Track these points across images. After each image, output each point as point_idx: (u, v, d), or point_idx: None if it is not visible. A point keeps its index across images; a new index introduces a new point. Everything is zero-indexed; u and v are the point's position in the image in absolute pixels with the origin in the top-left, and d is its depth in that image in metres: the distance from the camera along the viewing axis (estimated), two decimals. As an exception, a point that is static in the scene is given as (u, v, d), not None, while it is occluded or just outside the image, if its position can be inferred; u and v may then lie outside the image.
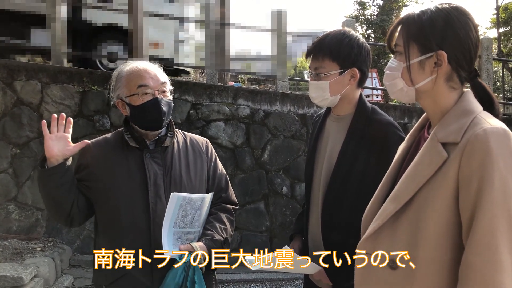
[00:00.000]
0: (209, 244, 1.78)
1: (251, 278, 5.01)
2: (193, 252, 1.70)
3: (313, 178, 1.93)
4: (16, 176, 5.37)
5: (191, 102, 5.80)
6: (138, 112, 1.81)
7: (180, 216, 1.76)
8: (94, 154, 1.85)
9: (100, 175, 1.82)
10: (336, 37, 1.81)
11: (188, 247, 1.73)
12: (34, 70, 5.55)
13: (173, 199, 1.72)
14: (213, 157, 2.01)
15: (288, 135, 5.96)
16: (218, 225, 1.87)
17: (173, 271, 1.68)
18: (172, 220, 1.73)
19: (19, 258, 4.48)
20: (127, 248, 1.72)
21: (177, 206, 1.73)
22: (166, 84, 1.88)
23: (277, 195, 5.86)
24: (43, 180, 1.77)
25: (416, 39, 1.22)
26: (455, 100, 1.22)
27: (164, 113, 1.82)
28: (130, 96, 1.81)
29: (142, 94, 1.80)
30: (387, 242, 1.22)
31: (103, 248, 1.74)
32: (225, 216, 1.93)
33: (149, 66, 1.87)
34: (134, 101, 1.81)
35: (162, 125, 1.85)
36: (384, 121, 1.83)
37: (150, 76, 1.82)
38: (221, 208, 1.96)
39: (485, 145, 1.07)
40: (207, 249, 1.76)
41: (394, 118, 6.30)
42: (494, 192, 1.04)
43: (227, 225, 1.91)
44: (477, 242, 1.05)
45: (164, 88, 1.86)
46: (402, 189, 1.20)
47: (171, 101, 1.89)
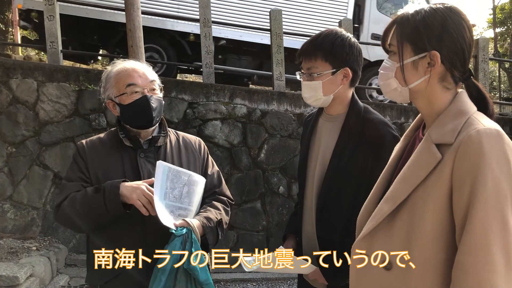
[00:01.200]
0: (204, 222, 1.77)
1: (248, 277, 5.02)
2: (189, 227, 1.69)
3: (306, 178, 1.93)
4: (12, 175, 5.35)
5: (187, 101, 5.80)
6: (128, 111, 1.83)
7: (169, 188, 1.75)
8: (89, 154, 1.85)
9: (96, 174, 1.82)
10: (328, 37, 1.82)
11: (183, 223, 1.72)
12: (30, 69, 5.53)
13: (159, 167, 1.72)
14: (206, 155, 2.03)
15: (285, 134, 5.96)
16: (213, 210, 1.88)
17: (171, 245, 1.65)
18: (162, 191, 1.73)
19: (14, 258, 4.47)
20: (122, 247, 1.71)
21: (164, 176, 1.73)
22: (155, 82, 1.89)
23: (274, 194, 5.86)
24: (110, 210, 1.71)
25: (410, 39, 1.22)
26: (449, 101, 1.22)
27: (154, 110, 1.83)
28: (120, 96, 1.83)
29: (131, 93, 1.81)
30: (382, 242, 1.23)
31: (103, 249, 1.73)
32: (219, 205, 1.94)
33: (137, 65, 1.88)
34: (124, 100, 1.82)
35: (152, 123, 1.86)
36: (377, 120, 1.83)
37: (139, 75, 1.84)
38: (215, 198, 1.97)
39: (478, 146, 1.07)
40: (201, 226, 1.75)
41: (390, 118, 6.31)
42: (487, 193, 1.04)
43: (222, 211, 1.92)
44: (470, 242, 1.05)
45: (154, 86, 1.88)
46: (397, 190, 1.20)
47: (161, 98, 1.90)
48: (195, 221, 1.75)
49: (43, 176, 5.39)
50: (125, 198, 1.68)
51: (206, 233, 1.77)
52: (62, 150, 5.44)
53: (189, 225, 1.70)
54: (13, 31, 10.06)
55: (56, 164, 5.42)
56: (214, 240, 1.81)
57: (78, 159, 1.85)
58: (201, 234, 1.76)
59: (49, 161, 5.41)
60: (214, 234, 1.81)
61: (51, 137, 5.44)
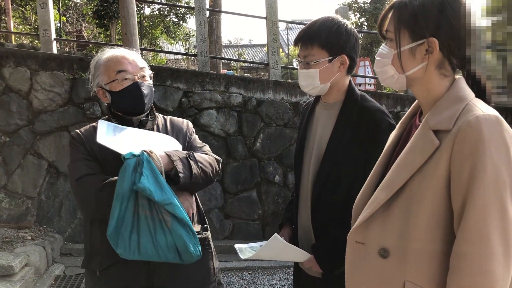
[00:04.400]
0: (171, 152, 1.70)
1: (244, 266, 5.03)
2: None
3: (302, 166, 1.92)
4: (6, 164, 5.31)
5: (182, 90, 5.76)
6: (119, 98, 1.82)
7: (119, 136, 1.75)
8: (87, 142, 1.82)
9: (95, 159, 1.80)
10: (324, 24, 1.79)
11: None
12: (23, 57, 5.46)
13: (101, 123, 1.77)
14: (192, 132, 2.01)
15: (280, 123, 5.94)
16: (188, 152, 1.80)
17: (121, 169, 1.58)
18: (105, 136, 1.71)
19: (9, 247, 4.45)
20: None
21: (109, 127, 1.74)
22: (145, 69, 1.89)
23: (270, 183, 5.86)
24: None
25: (407, 26, 1.20)
26: (447, 87, 1.21)
27: (146, 97, 1.83)
28: (110, 83, 1.82)
29: (122, 79, 1.80)
30: (378, 230, 1.22)
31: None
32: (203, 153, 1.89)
33: (127, 53, 1.88)
34: (114, 87, 1.81)
35: (144, 109, 1.85)
36: (374, 108, 1.82)
37: (129, 62, 1.84)
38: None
39: (477, 132, 1.05)
40: (167, 156, 1.67)
41: (386, 107, 6.30)
42: (486, 179, 1.03)
43: (203, 155, 1.85)
44: (468, 230, 1.04)
45: (143, 73, 1.87)
46: (394, 177, 1.19)
47: (151, 85, 1.90)
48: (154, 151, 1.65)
49: (37, 166, 5.36)
50: None
51: (174, 162, 1.66)
52: (57, 139, 5.40)
53: (144, 152, 1.61)
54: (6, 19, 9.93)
55: (50, 154, 5.38)
56: (185, 172, 1.69)
57: (77, 145, 1.83)
58: (169, 167, 1.66)
59: (43, 150, 5.38)
60: (185, 166, 1.70)
61: (45, 126, 5.40)
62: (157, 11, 13.91)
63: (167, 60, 14.95)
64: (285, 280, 4.79)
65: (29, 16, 11.96)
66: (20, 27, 12.02)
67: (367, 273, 1.24)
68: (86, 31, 12.88)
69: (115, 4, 9.27)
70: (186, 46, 15.39)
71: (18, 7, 11.59)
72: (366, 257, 1.23)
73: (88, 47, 11.27)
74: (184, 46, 15.82)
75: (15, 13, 11.48)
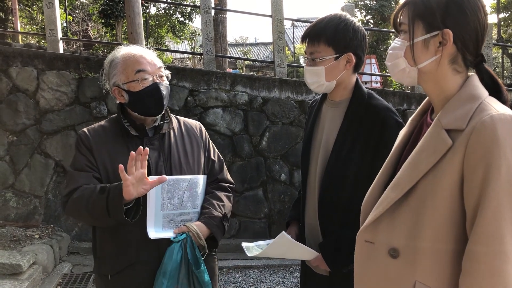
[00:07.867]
0: (208, 221, 1.81)
1: (250, 264, 5.03)
2: (189, 232, 1.75)
3: (309, 164, 1.91)
4: (13, 163, 5.35)
5: (188, 88, 5.76)
6: (139, 98, 1.78)
7: (166, 199, 1.76)
8: (94, 142, 1.80)
9: (103, 164, 1.77)
10: (331, 22, 1.78)
11: (183, 228, 1.76)
12: (30, 57, 5.49)
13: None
14: (207, 140, 2.02)
15: (286, 121, 5.93)
16: (215, 202, 1.89)
17: (169, 250, 1.71)
18: (157, 203, 1.74)
19: (17, 246, 4.48)
20: (130, 238, 1.73)
21: (158, 188, 1.72)
22: (162, 69, 1.85)
23: (276, 182, 5.85)
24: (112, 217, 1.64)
25: (422, 17, 1.17)
26: (459, 85, 1.18)
27: (164, 98, 1.81)
28: (129, 83, 1.77)
29: (142, 79, 1.76)
30: (388, 230, 1.20)
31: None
32: (222, 194, 1.95)
33: (144, 52, 1.84)
34: (134, 88, 1.77)
35: (162, 110, 1.84)
36: (381, 106, 1.80)
37: (147, 61, 1.80)
38: (217, 186, 1.97)
39: (492, 132, 1.03)
40: (206, 226, 1.79)
41: (393, 105, 6.27)
42: (501, 180, 1.01)
43: (225, 201, 1.93)
44: (482, 231, 1.02)
45: (161, 73, 1.84)
46: (404, 177, 1.17)
47: (168, 85, 1.87)
48: (196, 224, 1.79)
49: (44, 165, 5.39)
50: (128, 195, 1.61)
51: (213, 231, 1.81)
52: (63, 139, 5.43)
53: (188, 230, 1.75)
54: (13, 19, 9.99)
55: (57, 153, 5.41)
56: (221, 235, 1.86)
57: (81, 148, 1.80)
58: (207, 234, 1.80)
59: (50, 150, 5.40)
60: (221, 230, 1.85)
61: (52, 125, 5.42)
62: (162, 10, 13.93)
63: (173, 59, 14.99)
64: (291, 278, 4.78)
65: (36, 16, 12.03)
66: (27, 27, 12.11)
67: (376, 273, 1.22)
68: (92, 30, 12.94)
69: (121, 4, 9.29)
70: (192, 45, 15.41)
71: (25, 7, 11.67)
72: (376, 256, 1.22)
73: (94, 46, 11.33)
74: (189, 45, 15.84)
75: (22, 13, 11.56)
